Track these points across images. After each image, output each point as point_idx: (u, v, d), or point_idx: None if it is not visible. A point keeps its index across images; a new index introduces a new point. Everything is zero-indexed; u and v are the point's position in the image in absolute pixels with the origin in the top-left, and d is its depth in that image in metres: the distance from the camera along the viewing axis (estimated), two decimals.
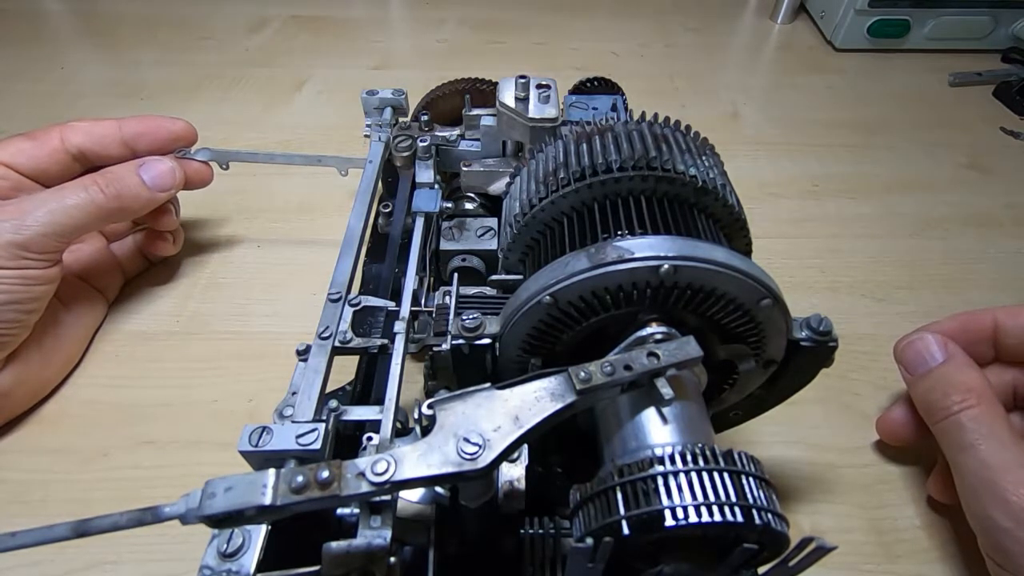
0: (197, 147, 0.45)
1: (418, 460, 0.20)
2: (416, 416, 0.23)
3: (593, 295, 0.25)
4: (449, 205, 0.41)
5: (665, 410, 0.23)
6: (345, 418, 0.27)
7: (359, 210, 0.38)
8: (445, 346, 0.27)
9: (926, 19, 0.75)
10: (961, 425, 0.31)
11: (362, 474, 0.19)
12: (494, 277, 0.32)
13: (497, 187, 0.41)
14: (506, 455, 0.20)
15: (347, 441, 0.28)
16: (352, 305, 0.32)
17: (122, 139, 0.42)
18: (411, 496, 0.26)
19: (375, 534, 0.23)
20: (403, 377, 0.29)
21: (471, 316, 0.27)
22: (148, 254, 0.47)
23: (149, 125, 0.43)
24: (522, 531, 0.25)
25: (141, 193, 0.39)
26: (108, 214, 0.38)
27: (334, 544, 0.22)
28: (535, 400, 0.21)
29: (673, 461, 0.21)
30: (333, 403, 0.27)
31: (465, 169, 0.41)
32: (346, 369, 0.34)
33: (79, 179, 0.38)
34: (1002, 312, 0.35)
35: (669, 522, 0.19)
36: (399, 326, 0.30)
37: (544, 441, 0.29)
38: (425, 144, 0.41)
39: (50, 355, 0.39)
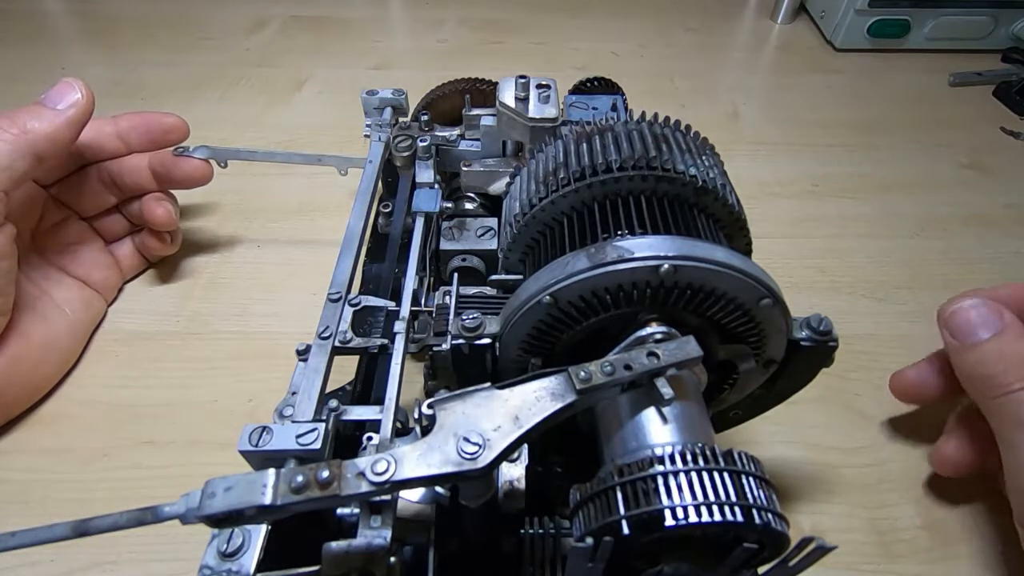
0: (196, 145, 0.45)
1: (418, 460, 0.20)
2: (416, 416, 0.23)
3: (593, 295, 0.25)
4: (449, 205, 0.41)
5: (665, 410, 0.23)
6: (345, 418, 0.27)
7: (359, 210, 0.38)
8: (445, 346, 0.27)
9: (926, 19, 0.75)
10: (1022, 403, 0.29)
11: (362, 474, 0.19)
12: (494, 277, 0.32)
13: (497, 187, 0.41)
14: (506, 455, 0.20)
15: (347, 441, 0.28)
16: (352, 305, 0.32)
17: (116, 133, 0.43)
18: (411, 496, 0.26)
19: (375, 534, 0.23)
20: (403, 377, 0.29)
21: (471, 316, 0.27)
22: (146, 254, 0.48)
23: (142, 119, 0.44)
24: (522, 531, 0.25)
25: (42, 112, 0.36)
26: (19, 146, 0.35)
27: (334, 544, 0.22)
28: (535, 400, 0.21)
29: (673, 461, 0.21)
30: (333, 403, 0.27)
31: (465, 169, 0.41)
32: (346, 369, 0.34)
33: None
34: None
35: (669, 522, 0.19)
36: (399, 326, 0.30)
37: (544, 441, 0.29)
38: (425, 144, 0.41)
39: (45, 355, 0.39)
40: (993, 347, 0.30)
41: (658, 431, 0.23)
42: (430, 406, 0.21)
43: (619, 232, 0.27)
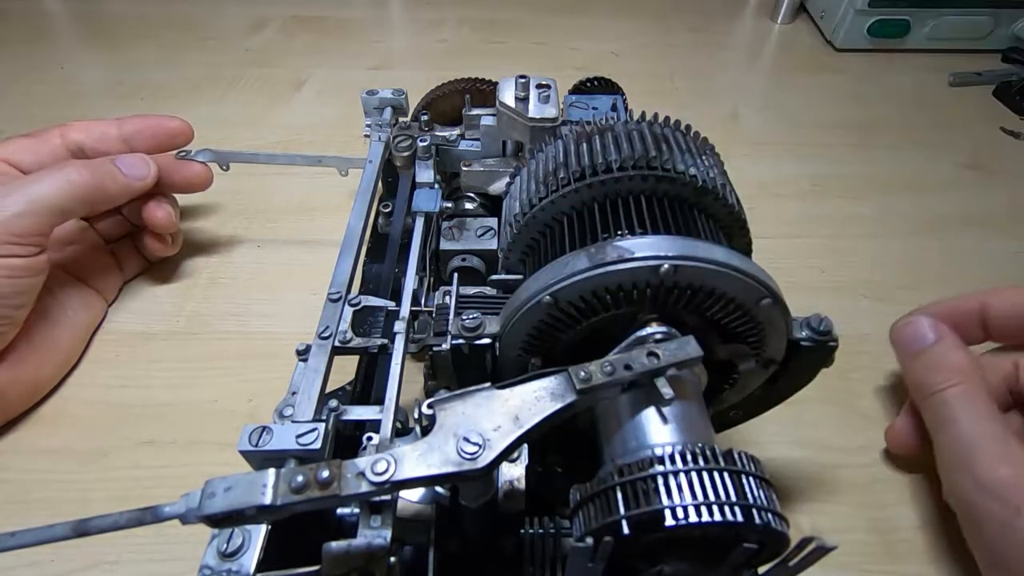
0: (197, 148, 0.45)
1: (418, 460, 0.20)
2: (416, 416, 0.23)
3: (593, 295, 0.25)
4: (449, 205, 0.41)
5: (665, 410, 0.23)
6: (345, 418, 0.27)
7: (359, 210, 0.38)
8: (445, 346, 0.27)
9: (926, 19, 0.75)
10: (944, 402, 0.32)
11: (362, 474, 0.19)
12: (494, 277, 0.32)
13: (497, 187, 0.41)
14: (506, 455, 0.20)
15: (347, 441, 0.28)
16: (352, 305, 0.32)
17: (120, 136, 0.43)
18: (411, 496, 0.26)
19: (375, 534, 0.23)
20: (403, 377, 0.29)
21: (471, 316, 0.27)
22: (147, 255, 0.48)
23: (147, 123, 0.44)
24: (522, 531, 0.25)
25: (118, 176, 0.40)
26: (87, 196, 0.38)
27: (334, 544, 0.22)
28: (535, 400, 0.21)
29: (673, 461, 0.21)
30: (333, 403, 0.27)
31: (465, 169, 0.41)
32: (346, 369, 0.34)
33: (56, 164, 0.38)
34: (989, 294, 0.37)
35: (669, 522, 0.19)
36: (399, 326, 0.30)
37: (544, 441, 0.29)
38: (425, 144, 0.41)
39: (46, 356, 0.39)
40: (927, 355, 0.35)
41: (658, 431, 0.23)
42: (430, 406, 0.21)
43: (619, 232, 0.27)
